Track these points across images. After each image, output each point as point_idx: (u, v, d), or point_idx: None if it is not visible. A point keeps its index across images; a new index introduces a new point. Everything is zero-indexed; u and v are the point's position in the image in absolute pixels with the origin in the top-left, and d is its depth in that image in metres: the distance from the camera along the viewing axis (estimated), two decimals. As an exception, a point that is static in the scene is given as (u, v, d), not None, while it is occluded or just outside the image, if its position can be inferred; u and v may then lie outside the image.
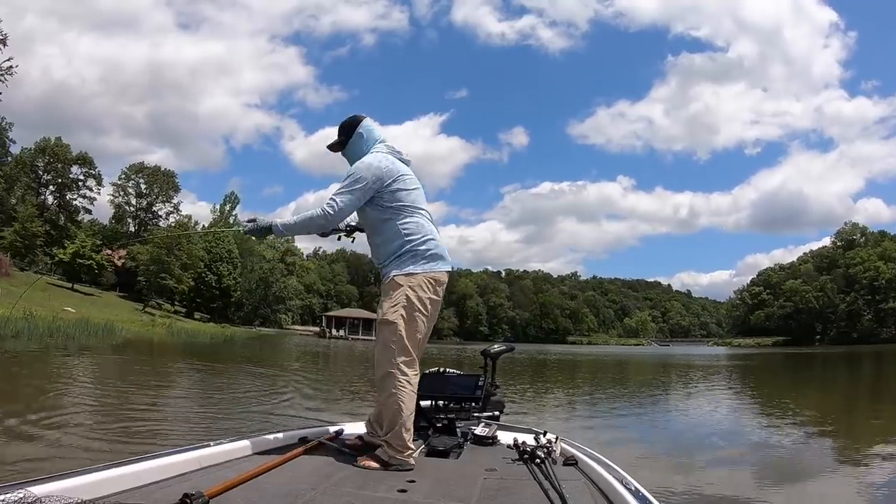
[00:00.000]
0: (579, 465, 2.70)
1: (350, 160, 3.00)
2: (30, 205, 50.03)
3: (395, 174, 2.92)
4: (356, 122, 3.05)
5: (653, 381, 20.50)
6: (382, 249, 2.94)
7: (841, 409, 12.95)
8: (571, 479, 2.42)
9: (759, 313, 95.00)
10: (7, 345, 17.09)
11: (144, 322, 38.97)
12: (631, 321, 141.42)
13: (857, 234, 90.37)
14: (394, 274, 2.84)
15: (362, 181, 2.85)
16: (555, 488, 2.13)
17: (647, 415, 11.45)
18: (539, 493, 2.17)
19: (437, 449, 3.02)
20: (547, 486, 2.21)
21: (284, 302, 77.88)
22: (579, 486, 2.34)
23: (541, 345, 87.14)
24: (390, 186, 2.89)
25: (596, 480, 2.39)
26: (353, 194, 2.86)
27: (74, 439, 5.87)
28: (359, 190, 2.85)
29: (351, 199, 2.87)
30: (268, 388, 12.27)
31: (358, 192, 2.86)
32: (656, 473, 5.94)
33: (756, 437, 8.89)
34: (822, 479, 6.15)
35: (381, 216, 2.92)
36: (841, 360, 38.68)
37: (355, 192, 2.86)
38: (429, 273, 2.87)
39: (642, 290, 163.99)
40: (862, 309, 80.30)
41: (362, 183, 2.85)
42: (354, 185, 2.86)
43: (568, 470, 2.62)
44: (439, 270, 2.92)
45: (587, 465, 2.63)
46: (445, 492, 2.22)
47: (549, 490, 2.16)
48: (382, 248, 2.94)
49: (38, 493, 1.55)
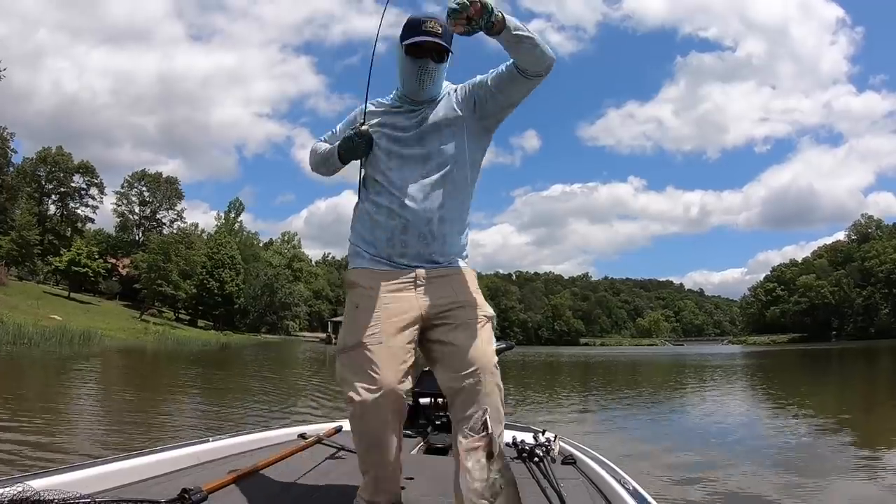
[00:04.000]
0: (578, 464, 2.68)
1: (439, 82, 2.02)
2: (27, 213, 49.67)
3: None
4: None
5: (670, 384, 19.72)
6: (455, 226, 1.99)
7: (860, 405, 12.43)
8: (570, 477, 2.42)
9: (773, 310, 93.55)
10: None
11: (137, 330, 38.38)
12: (644, 321, 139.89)
13: (872, 227, 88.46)
14: (463, 266, 2.02)
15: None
16: (553, 487, 2.14)
17: (666, 421, 10.85)
18: (537, 492, 2.15)
19: (436, 446, 3.08)
20: (545, 484, 2.21)
21: (290, 308, 77.21)
22: (577, 485, 2.33)
23: (553, 347, 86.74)
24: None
25: (594, 479, 2.38)
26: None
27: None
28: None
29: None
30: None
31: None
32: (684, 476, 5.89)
33: (775, 435, 8.62)
34: (843, 479, 5.89)
35: (474, 176, 2.05)
36: (860, 355, 38.08)
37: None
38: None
39: (654, 289, 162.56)
40: (879, 303, 78.56)
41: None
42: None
43: (566, 469, 2.60)
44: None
45: (585, 465, 2.62)
46: (444, 489, 2.13)
47: (546, 489, 2.16)
48: (457, 223, 2.00)
49: (37, 487, 1.53)
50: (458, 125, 1.96)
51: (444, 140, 1.94)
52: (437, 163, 1.92)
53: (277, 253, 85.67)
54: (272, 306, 72.94)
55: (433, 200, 1.90)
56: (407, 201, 1.88)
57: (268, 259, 78.43)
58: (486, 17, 1.64)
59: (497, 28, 1.69)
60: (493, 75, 1.93)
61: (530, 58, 1.80)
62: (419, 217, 1.88)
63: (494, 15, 1.65)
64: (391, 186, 1.91)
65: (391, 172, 1.92)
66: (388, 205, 1.90)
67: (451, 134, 1.94)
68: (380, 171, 1.95)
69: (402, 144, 1.94)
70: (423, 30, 1.87)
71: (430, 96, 1.97)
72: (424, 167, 1.91)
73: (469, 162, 1.98)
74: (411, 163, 1.92)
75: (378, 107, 2.05)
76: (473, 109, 1.97)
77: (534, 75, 1.86)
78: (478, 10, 1.61)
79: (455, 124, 1.95)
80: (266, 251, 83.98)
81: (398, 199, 1.89)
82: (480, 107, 1.97)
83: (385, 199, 1.91)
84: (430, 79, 1.93)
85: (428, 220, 1.89)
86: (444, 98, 1.99)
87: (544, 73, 1.87)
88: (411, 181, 1.90)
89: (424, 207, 1.88)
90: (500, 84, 1.91)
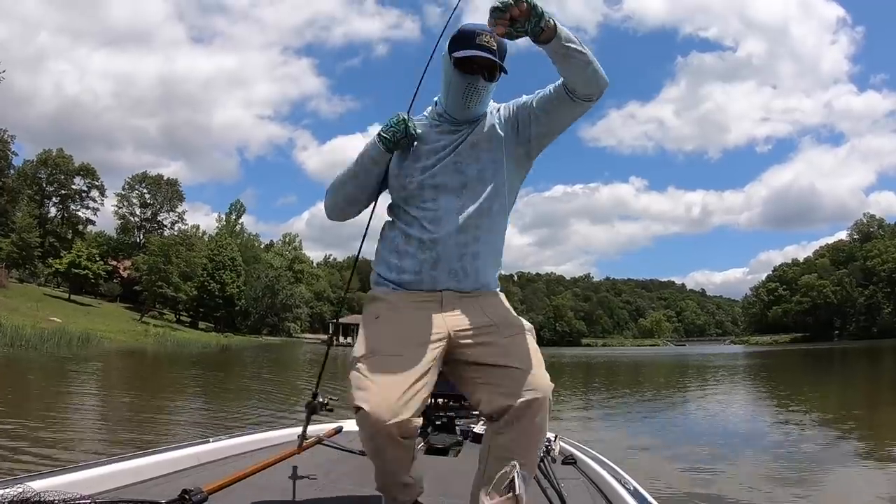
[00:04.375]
0: (578, 464, 2.68)
1: (486, 101, 1.82)
2: (27, 215, 49.66)
3: None
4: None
5: (673, 385, 19.63)
6: (490, 260, 1.82)
7: (863, 405, 12.30)
8: (570, 477, 2.42)
9: (775, 310, 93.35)
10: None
11: (137, 332, 38.33)
12: (646, 322, 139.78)
13: (874, 226, 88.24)
14: (498, 289, 1.89)
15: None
16: (553, 487, 2.14)
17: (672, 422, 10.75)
18: (537, 492, 2.12)
19: (437, 447, 3.05)
20: (546, 484, 2.19)
21: (292, 310, 77.13)
22: (578, 485, 2.34)
23: (555, 348, 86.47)
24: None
25: (594, 479, 2.39)
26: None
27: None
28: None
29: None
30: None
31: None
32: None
33: (778, 436, 8.56)
34: (847, 479, 5.87)
35: (511, 203, 1.89)
36: (862, 355, 38.10)
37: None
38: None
39: (656, 289, 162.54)
40: (881, 302, 78.33)
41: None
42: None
43: (567, 469, 2.60)
44: None
45: (586, 465, 2.64)
46: (444, 490, 2.16)
47: (547, 489, 2.15)
48: (491, 257, 1.83)
49: (37, 489, 1.53)
50: (499, 149, 1.77)
51: (483, 166, 1.75)
52: (474, 192, 1.73)
53: (278, 254, 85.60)
54: (273, 308, 72.90)
55: (468, 234, 1.71)
56: (439, 235, 1.69)
57: (269, 261, 78.42)
58: (535, 21, 1.47)
59: (546, 36, 1.52)
60: (539, 96, 1.76)
61: (580, 76, 1.62)
62: (451, 253, 1.70)
63: (545, 20, 1.48)
64: (422, 217, 1.72)
65: (423, 201, 1.73)
66: (419, 236, 1.71)
67: (490, 160, 1.76)
68: (411, 198, 1.75)
69: (437, 169, 1.74)
70: (476, 43, 1.66)
71: (474, 116, 1.78)
72: (460, 197, 1.72)
73: (507, 189, 1.81)
74: (445, 191, 1.73)
75: (420, 120, 1.84)
76: (516, 132, 1.79)
77: (583, 98, 1.67)
78: (524, 11, 1.44)
79: (496, 149, 1.77)
80: (267, 253, 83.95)
81: (429, 231, 1.70)
82: (522, 129, 1.79)
83: (415, 230, 1.72)
84: (478, 97, 1.73)
85: (461, 255, 1.71)
86: (487, 118, 1.80)
87: (595, 97, 1.69)
88: (445, 212, 1.71)
89: (458, 242, 1.70)
90: (545, 105, 1.73)
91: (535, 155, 1.86)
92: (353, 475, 2.40)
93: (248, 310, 68.66)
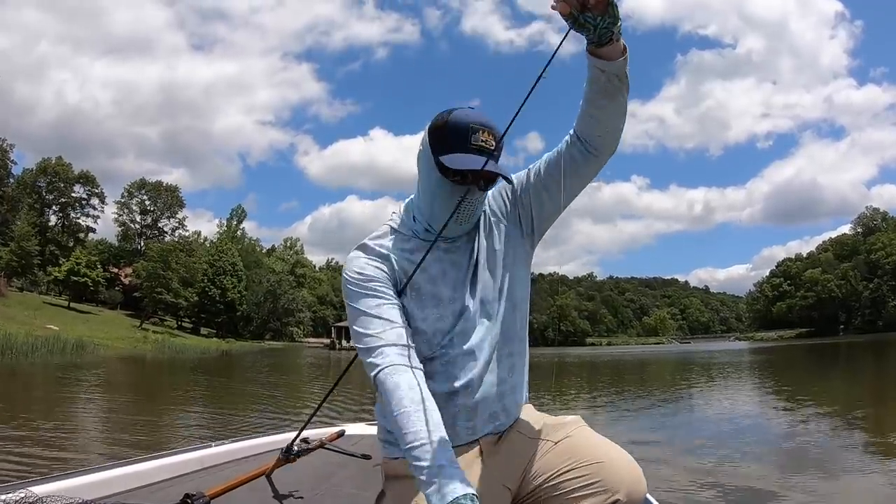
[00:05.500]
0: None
1: (480, 211, 1.42)
2: (26, 223, 49.60)
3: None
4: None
5: (678, 382, 19.38)
6: (524, 379, 1.48)
7: (870, 399, 12.28)
8: None
9: (780, 305, 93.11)
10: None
11: (135, 339, 38.20)
12: (650, 320, 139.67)
13: (877, 219, 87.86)
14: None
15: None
16: None
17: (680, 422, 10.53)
18: None
19: None
20: None
21: (294, 314, 77.03)
22: None
23: (560, 348, 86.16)
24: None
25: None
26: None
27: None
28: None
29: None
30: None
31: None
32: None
33: (784, 431, 8.48)
34: (854, 474, 5.75)
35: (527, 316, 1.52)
36: (868, 348, 37.84)
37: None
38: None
39: (659, 288, 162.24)
40: (887, 295, 78.00)
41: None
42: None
43: None
44: None
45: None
46: None
47: None
48: (524, 376, 1.48)
49: (39, 493, 1.50)
50: (511, 258, 1.42)
51: (499, 291, 1.39)
52: (496, 324, 1.37)
53: (280, 259, 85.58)
54: (275, 312, 72.75)
55: (502, 371, 1.37)
56: (470, 384, 1.33)
57: (270, 265, 78.29)
58: (609, 21, 1.12)
59: (608, 50, 1.17)
60: (539, 168, 1.39)
61: (611, 122, 1.28)
62: (488, 399, 1.35)
63: (619, 28, 1.15)
64: (446, 371, 1.34)
65: (443, 351, 1.34)
66: (447, 391, 1.32)
67: (505, 277, 1.40)
68: (427, 349, 1.34)
69: (443, 311, 1.35)
70: (471, 144, 1.26)
71: (464, 231, 1.39)
72: (484, 339, 1.35)
73: (526, 294, 1.45)
74: (463, 337, 1.34)
75: (388, 246, 1.37)
76: (519, 229, 1.44)
77: (596, 150, 1.31)
78: (601, 1, 1.09)
79: (509, 263, 1.41)
80: (269, 257, 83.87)
81: (461, 381, 1.33)
82: (526, 222, 1.43)
83: (439, 384, 1.32)
84: (472, 211, 1.33)
85: (500, 395, 1.36)
86: (483, 223, 1.42)
87: (607, 152, 1.33)
88: (470, 356, 1.33)
89: (492, 381, 1.35)
90: (554, 176, 1.35)
91: (538, 241, 1.49)
92: (355, 479, 2.39)
93: (250, 315, 68.54)
